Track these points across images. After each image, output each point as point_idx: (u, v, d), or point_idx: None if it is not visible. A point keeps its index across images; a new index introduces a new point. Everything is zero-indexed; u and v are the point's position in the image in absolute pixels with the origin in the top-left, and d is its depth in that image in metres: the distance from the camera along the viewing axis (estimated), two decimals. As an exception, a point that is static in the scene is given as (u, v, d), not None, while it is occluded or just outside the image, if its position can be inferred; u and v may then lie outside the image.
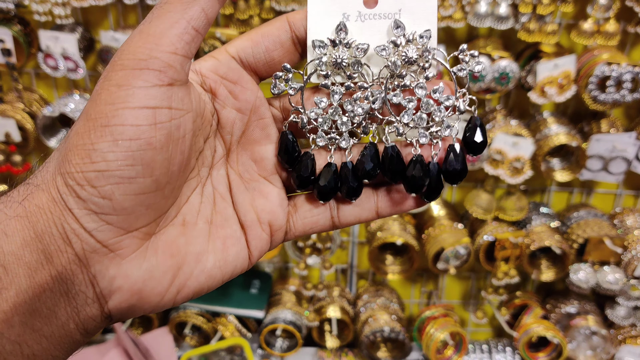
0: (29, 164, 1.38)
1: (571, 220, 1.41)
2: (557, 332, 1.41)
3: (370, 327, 1.40)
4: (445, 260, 1.37)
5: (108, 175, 0.32)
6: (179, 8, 0.34)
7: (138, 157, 0.32)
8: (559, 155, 1.37)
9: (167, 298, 0.37)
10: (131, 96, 0.32)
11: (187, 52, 0.34)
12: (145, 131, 0.32)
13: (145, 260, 0.35)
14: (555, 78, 1.23)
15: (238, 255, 0.40)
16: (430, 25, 0.41)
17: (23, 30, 1.27)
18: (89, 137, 0.32)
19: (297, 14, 0.40)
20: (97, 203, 0.32)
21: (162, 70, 0.33)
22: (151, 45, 0.33)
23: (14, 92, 1.32)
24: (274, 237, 0.42)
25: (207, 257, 0.38)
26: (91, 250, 0.33)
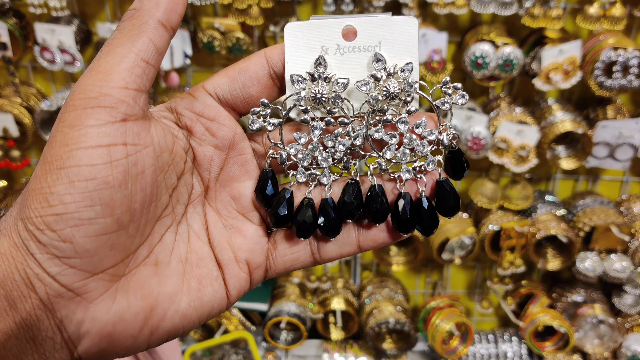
0: (27, 159, 1.36)
1: (577, 208, 1.39)
2: (564, 321, 1.39)
3: (375, 318, 1.39)
4: (450, 251, 1.36)
5: (67, 218, 0.31)
6: (126, 42, 0.33)
7: (96, 197, 0.31)
8: (565, 143, 1.35)
9: (140, 340, 0.36)
10: (84, 136, 0.31)
11: (140, 85, 0.33)
12: (101, 170, 0.31)
13: (114, 302, 0.34)
14: (561, 64, 1.21)
15: (214, 295, 0.39)
16: (411, 57, 0.40)
17: (19, 23, 1.25)
18: (45, 181, 0.31)
19: (275, 49, 0.39)
20: (58, 247, 0.31)
21: (113, 107, 0.32)
22: (101, 82, 0.32)
23: (10, 87, 1.30)
24: (253, 276, 0.41)
25: (181, 298, 0.37)
26: (56, 294, 0.32)
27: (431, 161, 0.41)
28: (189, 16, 1.28)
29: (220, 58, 1.27)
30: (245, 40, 1.22)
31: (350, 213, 0.40)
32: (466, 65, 1.24)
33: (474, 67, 1.23)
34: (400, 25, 0.39)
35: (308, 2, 1.27)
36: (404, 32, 0.39)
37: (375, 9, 1.20)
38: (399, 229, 0.40)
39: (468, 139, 1.26)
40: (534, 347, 1.44)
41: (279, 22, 1.25)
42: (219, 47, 1.22)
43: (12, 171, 1.43)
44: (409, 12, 1.19)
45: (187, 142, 0.39)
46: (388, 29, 0.39)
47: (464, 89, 1.37)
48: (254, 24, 1.21)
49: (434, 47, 1.22)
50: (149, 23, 0.34)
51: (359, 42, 0.40)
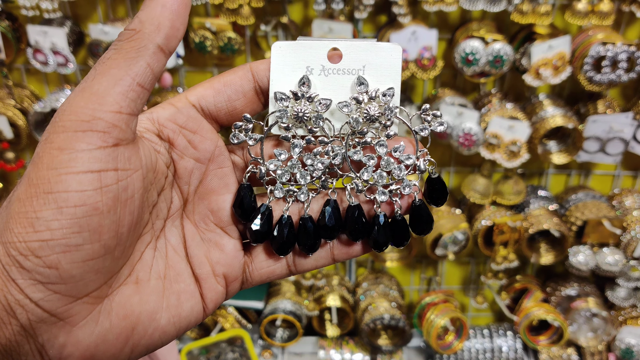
0: (22, 160, 1.37)
1: (569, 203, 1.40)
2: (558, 315, 1.40)
3: (371, 314, 1.40)
4: (444, 246, 1.37)
5: (53, 245, 0.30)
6: (122, 64, 0.32)
7: (84, 223, 0.31)
8: (556, 138, 1.36)
9: (121, 358, 0.36)
10: (74, 160, 0.30)
11: (133, 109, 0.33)
12: (91, 196, 0.31)
13: (97, 324, 0.34)
14: (550, 60, 1.22)
15: (192, 309, 0.39)
16: (394, 82, 0.41)
17: (11, 25, 1.26)
18: (31, 205, 0.30)
19: (261, 64, 0.40)
20: (42, 273, 0.30)
21: (106, 132, 0.31)
22: (94, 105, 0.31)
23: (4, 89, 1.31)
24: (230, 288, 0.42)
25: (161, 315, 0.37)
26: (38, 320, 0.31)
27: (407, 185, 0.42)
28: (180, 16, 1.29)
29: (212, 58, 1.28)
30: (237, 40, 1.23)
31: (330, 235, 0.41)
32: (457, 62, 1.25)
33: (465, 64, 1.24)
34: (385, 50, 0.40)
35: (299, 2, 1.27)
36: (388, 58, 0.40)
37: (365, 7, 1.21)
38: (374, 247, 0.42)
39: (459, 135, 1.27)
40: (528, 341, 1.45)
41: (270, 21, 1.26)
42: (210, 47, 1.23)
43: (7, 173, 1.44)
44: (399, 9, 1.19)
45: (168, 157, 0.39)
46: (373, 54, 0.40)
47: (455, 85, 1.38)
48: (245, 23, 1.22)
49: (424, 45, 1.23)
50: (148, 47, 0.33)
51: (343, 64, 0.41)
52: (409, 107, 1.32)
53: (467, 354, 1.48)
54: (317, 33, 1.22)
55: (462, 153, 1.29)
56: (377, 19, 1.30)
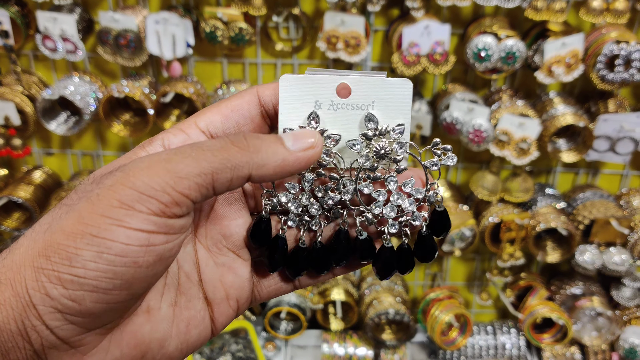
0: (28, 147, 1.36)
1: (577, 202, 1.40)
2: (562, 313, 1.40)
3: (375, 309, 1.40)
4: (451, 242, 1.36)
5: (83, 282, 0.31)
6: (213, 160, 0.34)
7: (119, 272, 0.31)
8: (566, 136, 1.35)
9: None
10: (130, 217, 0.31)
11: (197, 199, 0.34)
12: (134, 251, 0.32)
13: (107, 353, 0.34)
14: (563, 57, 1.21)
15: (200, 335, 0.40)
16: (404, 118, 0.41)
17: (20, 11, 1.25)
18: (74, 241, 0.31)
19: (267, 89, 0.40)
20: (64, 304, 0.31)
21: (168, 205, 0.32)
22: (170, 180, 0.32)
23: (12, 75, 1.30)
24: (240, 309, 0.42)
25: (170, 342, 0.38)
26: (50, 346, 0.32)
27: (417, 217, 0.42)
28: (191, 6, 1.28)
29: (222, 48, 1.27)
30: (248, 31, 1.22)
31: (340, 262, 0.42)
32: (468, 58, 1.24)
33: (477, 60, 1.23)
34: (394, 86, 0.40)
35: (311, -7, 1.27)
36: (398, 94, 0.40)
37: (378, 1, 1.20)
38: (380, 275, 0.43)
39: (469, 131, 1.26)
40: (532, 338, 1.45)
41: (282, 12, 1.25)
42: (221, 37, 1.22)
43: (13, 160, 1.43)
44: (412, 3, 1.18)
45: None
46: (382, 90, 0.40)
47: (466, 81, 1.37)
48: (257, 14, 1.21)
49: (436, 39, 1.22)
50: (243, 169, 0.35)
51: (353, 99, 0.40)
52: (419, 102, 1.32)
53: (471, 350, 1.48)
54: (329, 25, 1.21)
55: (472, 149, 1.29)
56: (389, 12, 1.29)
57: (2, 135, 1.30)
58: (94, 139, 1.44)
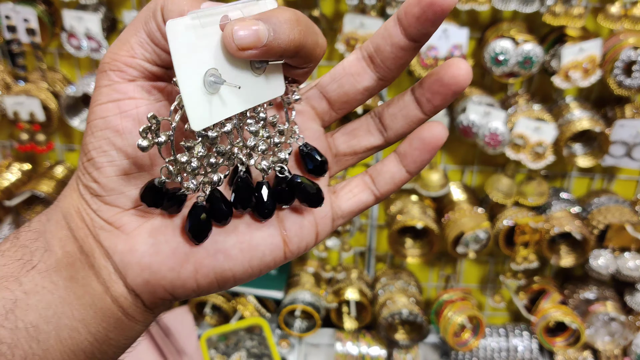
0: (51, 143, 1.39)
1: (592, 206, 1.40)
2: (576, 317, 1.41)
3: (389, 309, 1.41)
4: (465, 244, 1.38)
5: (93, 163, 0.36)
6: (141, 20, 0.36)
7: (110, 143, 0.35)
8: (582, 141, 1.36)
9: (185, 275, 0.37)
10: (100, 94, 0.36)
11: (146, 57, 0.35)
12: (112, 120, 0.35)
13: (150, 236, 0.37)
14: (580, 62, 1.22)
15: (266, 239, 0.38)
16: None
17: (47, 9, 1.28)
18: (84, 136, 0.37)
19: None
20: (92, 187, 0.36)
21: (122, 70, 0.35)
22: (116, 50, 0.36)
23: (38, 72, 1.33)
24: (320, 227, 0.41)
25: (226, 237, 0.38)
26: (99, 227, 0.37)
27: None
28: (213, 6, 1.30)
29: (243, 48, 1.28)
30: (269, 32, 1.24)
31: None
32: (486, 62, 1.25)
33: (494, 64, 1.24)
34: (263, 5, 0.37)
35: (331, -5, 1.28)
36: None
37: (398, 3, 1.22)
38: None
39: (486, 134, 1.27)
40: (544, 342, 1.46)
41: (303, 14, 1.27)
42: (242, 37, 1.24)
43: (37, 155, 1.47)
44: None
45: None
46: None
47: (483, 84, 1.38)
48: (278, 15, 1.22)
49: (454, 43, 1.24)
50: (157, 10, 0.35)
51: None
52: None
53: (483, 352, 1.49)
54: (349, 27, 1.23)
55: (488, 152, 1.30)
56: (408, 15, 1.30)
57: (27, 131, 1.33)
58: (115, 136, 1.46)
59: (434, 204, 1.47)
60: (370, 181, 0.42)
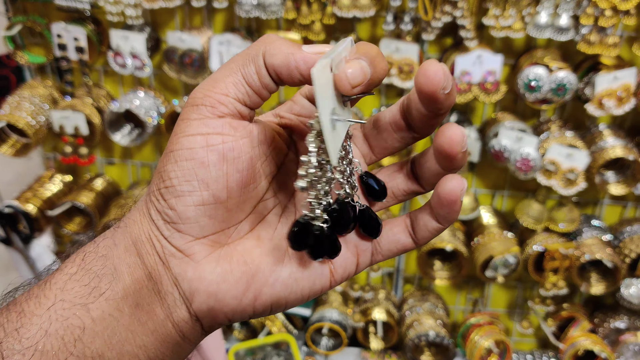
0: (93, 156, 1.44)
1: (624, 235, 1.40)
2: (605, 346, 1.39)
3: (416, 330, 1.42)
4: (494, 268, 1.38)
5: (172, 191, 0.37)
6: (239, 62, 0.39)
7: (192, 174, 0.37)
8: (614, 169, 1.36)
9: (245, 303, 0.39)
10: (188, 126, 0.38)
11: (239, 96, 0.38)
12: (198, 152, 0.37)
13: (218, 265, 0.39)
14: (615, 90, 1.23)
15: (316, 271, 0.41)
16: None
17: (96, 29, 1.34)
18: (162, 162, 0.38)
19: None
20: (167, 214, 0.38)
21: (214, 106, 0.38)
22: (209, 87, 0.38)
23: (84, 88, 1.39)
24: (361, 259, 0.43)
25: (282, 268, 0.40)
26: (169, 254, 0.38)
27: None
28: (253, 29, 1.34)
29: (280, 70, 1.32)
30: (306, 54, 1.28)
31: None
32: (519, 88, 1.26)
33: (527, 90, 1.26)
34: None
35: (368, 20, 1.32)
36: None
37: (433, 30, 1.24)
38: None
39: (517, 159, 1.28)
40: (573, 370, 1.45)
41: (339, 38, 1.30)
42: (280, 59, 1.28)
43: (78, 167, 1.52)
44: (466, 33, 1.22)
45: (288, 138, 0.44)
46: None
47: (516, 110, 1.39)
48: (316, 39, 1.26)
49: (488, 69, 1.26)
50: (259, 57, 0.38)
51: None
52: (468, 128, 1.34)
53: (510, 378, 1.48)
54: (384, 52, 1.26)
55: (519, 177, 1.31)
56: (442, 41, 1.33)
57: (70, 144, 1.39)
58: (154, 151, 1.51)
59: (463, 227, 1.47)
60: (410, 225, 0.44)
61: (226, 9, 1.33)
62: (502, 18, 1.21)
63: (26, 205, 1.40)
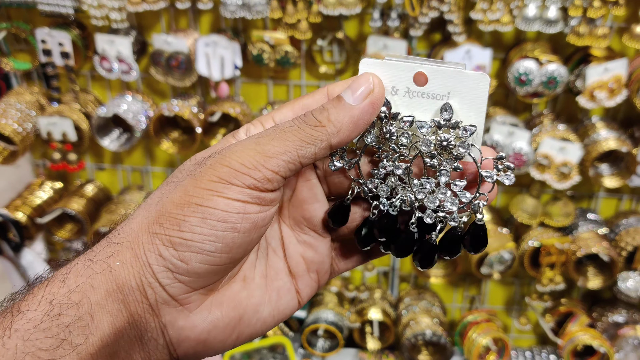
0: (82, 162, 1.43)
1: (620, 228, 1.38)
2: (604, 341, 1.38)
3: (412, 330, 1.41)
4: (489, 265, 1.37)
5: (190, 244, 0.36)
6: (297, 142, 0.39)
7: (220, 236, 0.37)
8: (608, 161, 1.34)
9: (228, 344, 0.41)
10: (228, 189, 0.37)
11: (286, 174, 0.39)
12: (233, 217, 0.37)
13: (210, 313, 0.40)
14: (606, 82, 1.22)
15: (289, 303, 0.45)
16: (478, 112, 0.41)
17: (81, 34, 1.32)
18: (182, 210, 0.36)
19: (336, 87, 0.42)
20: (174, 264, 0.37)
21: (260, 181, 0.38)
22: (261, 159, 0.38)
23: (71, 93, 1.37)
24: (321, 281, 0.47)
25: (264, 308, 0.43)
26: (163, 302, 0.37)
27: (454, 219, 0.42)
28: (240, 29, 1.33)
29: (268, 70, 1.31)
30: (294, 54, 1.26)
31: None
32: (510, 82, 1.25)
33: (518, 84, 1.24)
34: (471, 80, 0.40)
35: (355, 18, 1.30)
36: (475, 88, 0.40)
37: (421, 25, 1.23)
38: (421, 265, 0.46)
39: (510, 154, 1.27)
40: (572, 366, 1.43)
41: (326, 36, 1.29)
42: (268, 59, 1.27)
43: (68, 173, 1.51)
44: (454, 28, 1.21)
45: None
46: (459, 82, 0.40)
47: (507, 104, 1.38)
48: (302, 37, 1.25)
49: (477, 63, 1.24)
50: (323, 142, 0.39)
51: (428, 88, 0.41)
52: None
53: (509, 375, 1.46)
54: (372, 49, 1.24)
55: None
56: (431, 36, 1.31)
57: (59, 150, 1.37)
58: (144, 155, 1.50)
59: (458, 224, 1.46)
60: None
61: (211, 10, 1.32)
62: (490, 12, 1.19)
63: (15, 213, 1.39)
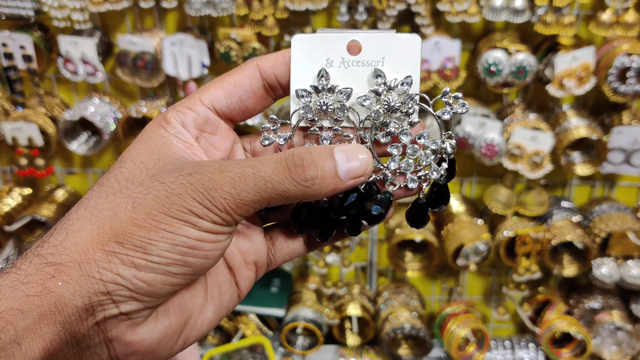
0: (51, 167, 1.40)
1: (593, 215, 1.39)
2: (581, 327, 1.39)
3: (391, 324, 1.40)
4: (465, 257, 1.37)
5: (157, 267, 0.35)
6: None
7: (190, 261, 0.36)
8: (580, 149, 1.35)
9: (175, 350, 0.40)
10: (200, 223, 0.36)
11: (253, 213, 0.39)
12: (205, 247, 0.36)
13: (158, 323, 0.38)
14: (574, 70, 1.22)
15: (231, 297, 0.43)
16: (413, 72, 0.41)
17: (43, 36, 1.29)
18: (148, 233, 0.35)
19: (267, 61, 0.41)
20: (136, 284, 0.35)
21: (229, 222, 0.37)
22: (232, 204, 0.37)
23: (35, 97, 1.34)
24: (259, 272, 0.45)
25: (208, 307, 0.41)
26: (111, 317, 0.35)
27: (435, 169, 0.42)
28: (206, 27, 1.31)
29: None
30: (262, 50, 1.25)
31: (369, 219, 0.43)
32: (479, 73, 1.25)
33: (487, 74, 1.24)
34: (403, 42, 0.41)
35: (322, 12, 1.29)
36: (407, 49, 0.41)
37: (389, 18, 1.22)
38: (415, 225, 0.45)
39: (482, 145, 1.27)
40: (550, 353, 1.44)
41: (294, 32, 1.28)
42: (235, 57, 1.25)
43: (37, 179, 1.48)
44: (422, 20, 1.20)
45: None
46: (392, 46, 0.41)
47: (478, 95, 1.38)
48: (270, 34, 1.23)
49: (447, 55, 1.24)
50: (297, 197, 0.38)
51: (363, 56, 0.41)
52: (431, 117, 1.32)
53: (489, 365, 1.47)
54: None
55: (485, 163, 1.29)
56: (399, 29, 1.31)
57: (26, 156, 1.35)
58: (114, 158, 1.47)
59: (433, 217, 1.46)
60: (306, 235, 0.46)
61: (177, 9, 1.29)
62: (457, 3, 1.19)
63: (-17, 222, 1.36)
